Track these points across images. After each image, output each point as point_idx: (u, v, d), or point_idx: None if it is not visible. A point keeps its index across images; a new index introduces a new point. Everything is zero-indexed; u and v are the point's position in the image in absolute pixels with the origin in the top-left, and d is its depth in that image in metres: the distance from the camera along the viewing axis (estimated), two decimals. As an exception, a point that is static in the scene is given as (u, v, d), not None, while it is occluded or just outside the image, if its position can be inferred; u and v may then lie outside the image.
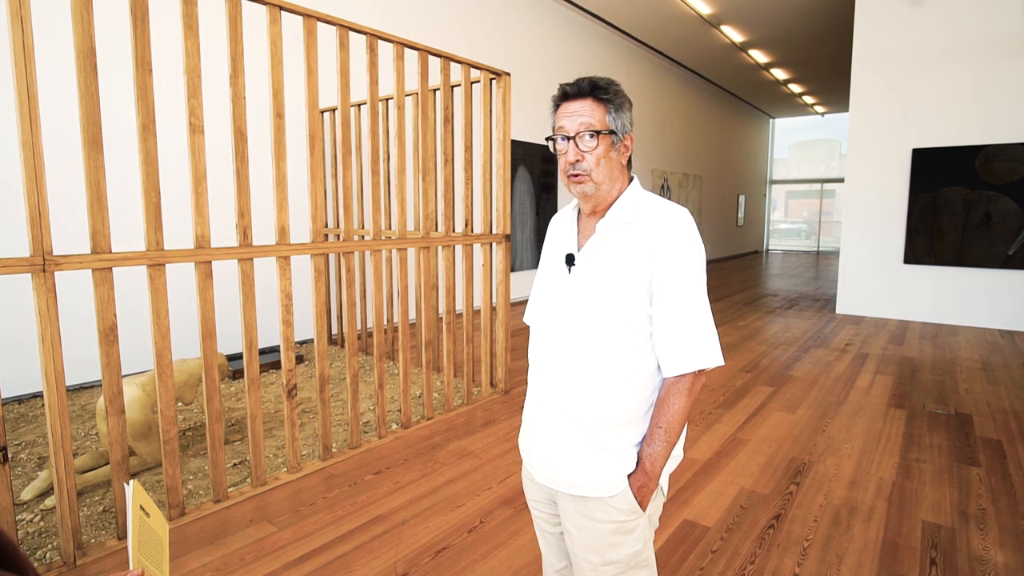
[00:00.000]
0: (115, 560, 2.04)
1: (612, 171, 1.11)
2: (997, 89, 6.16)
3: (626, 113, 1.10)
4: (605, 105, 1.08)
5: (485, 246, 3.77)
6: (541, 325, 1.19)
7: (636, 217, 1.10)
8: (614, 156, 1.10)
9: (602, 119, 1.08)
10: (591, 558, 1.14)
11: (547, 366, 1.16)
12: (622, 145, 1.11)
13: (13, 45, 1.79)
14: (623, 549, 1.12)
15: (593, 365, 1.10)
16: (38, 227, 1.88)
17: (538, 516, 1.29)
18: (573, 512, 1.15)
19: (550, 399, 1.15)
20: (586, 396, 1.11)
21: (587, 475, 1.11)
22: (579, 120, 1.08)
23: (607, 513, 1.11)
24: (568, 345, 1.13)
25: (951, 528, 2.28)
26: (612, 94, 1.09)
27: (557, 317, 1.15)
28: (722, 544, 2.15)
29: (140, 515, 0.75)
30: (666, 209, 1.10)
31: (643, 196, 1.14)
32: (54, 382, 1.92)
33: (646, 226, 1.08)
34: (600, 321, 1.08)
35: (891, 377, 4.41)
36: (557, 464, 1.15)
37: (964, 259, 6.46)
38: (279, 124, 2.52)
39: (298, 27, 4.22)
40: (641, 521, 1.12)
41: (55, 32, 3.27)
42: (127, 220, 3.06)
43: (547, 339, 1.17)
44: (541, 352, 1.19)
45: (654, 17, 9.12)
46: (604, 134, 1.08)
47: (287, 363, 2.62)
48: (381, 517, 2.34)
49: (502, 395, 3.90)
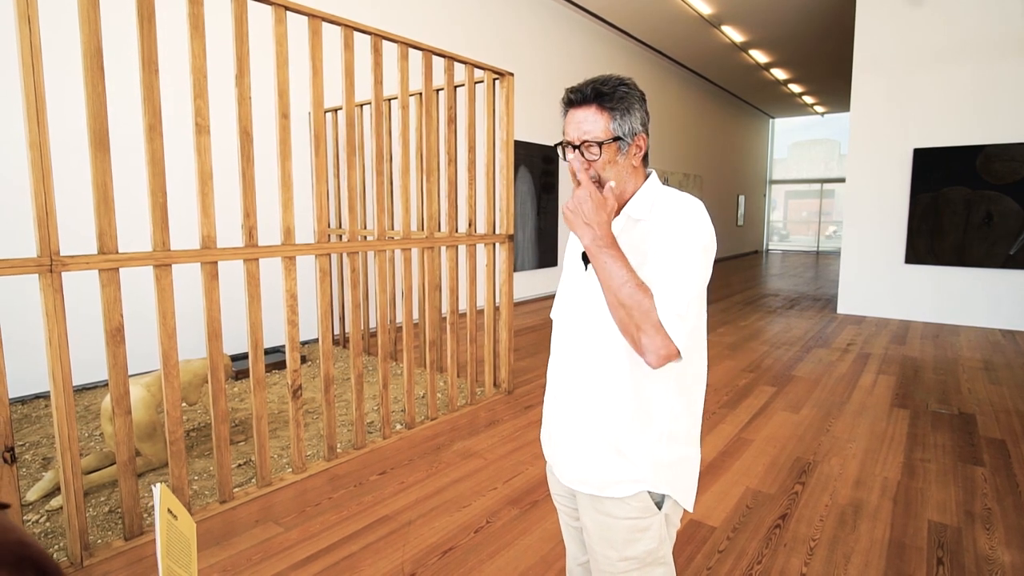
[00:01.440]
0: (122, 561, 2.04)
1: (621, 174, 1.10)
2: (998, 89, 6.17)
3: (635, 114, 1.08)
4: (610, 112, 1.06)
5: (488, 246, 3.77)
6: (560, 322, 1.21)
7: (651, 213, 1.10)
8: (621, 160, 1.09)
9: (606, 127, 1.06)
10: (608, 554, 1.15)
11: (564, 363, 1.18)
12: (633, 147, 1.10)
13: (20, 45, 1.78)
14: (639, 546, 1.12)
15: (609, 364, 1.10)
16: (45, 227, 1.88)
17: (561, 510, 1.31)
18: (590, 509, 1.16)
19: (567, 396, 1.17)
20: (602, 394, 1.11)
21: (601, 475, 1.12)
22: (583, 130, 1.07)
23: (623, 510, 1.11)
24: (583, 343, 1.13)
25: (957, 528, 2.28)
26: (616, 99, 1.06)
27: (574, 315, 1.16)
28: (729, 544, 2.15)
29: (167, 519, 0.74)
30: (679, 201, 1.09)
31: (659, 191, 1.13)
32: (61, 383, 1.92)
33: (660, 221, 1.08)
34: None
35: (894, 377, 4.42)
36: (573, 461, 1.16)
37: (965, 259, 6.47)
38: (284, 124, 2.52)
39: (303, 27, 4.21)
40: (656, 519, 1.12)
41: (60, 32, 3.26)
42: (132, 221, 3.06)
43: (565, 336, 1.18)
44: (559, 349, 1.20)
45: (655, 17, 9.13)
46: (608, 143, 1.07)
47: (292, 363, 2.61)
48: (387, 517, 2.34)
49: (505, 395, 3.90)
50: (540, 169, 8.26)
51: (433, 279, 3.41)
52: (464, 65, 3.45)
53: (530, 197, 8.15)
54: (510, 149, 3.73)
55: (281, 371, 4.46)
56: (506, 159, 3.73)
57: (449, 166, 3.52)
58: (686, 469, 1.15)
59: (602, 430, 1.11)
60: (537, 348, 5.25)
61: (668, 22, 9.36)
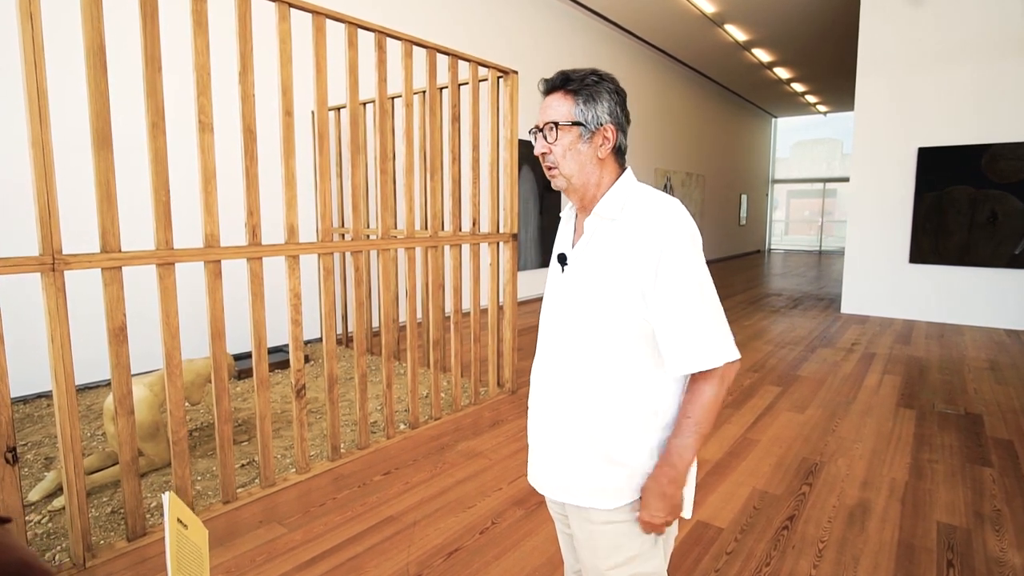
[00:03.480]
0: (125, 562, 2.02)
1: (584, 165, 1.07)
2: (1003, 88, 6.14)
3: (601, 104, 1.05)
4: (573, 96, 1.05)
5: (492, 245, 3.75)
6: (543, 325, 1.17)
7: (623, 212, 1.05)
8: (584, 149, 1.06)
9: (568, 112, 1.05)
10: (596, 563, 1.12)
11: (545, 367, 1.14)
12: (600, 137, 1.06)
13: (23, 42, 1.77)
14: (625, 551, 1.10)
15: (587, 368, 1.06)
16: (47, 226, 1.86)
17: (555, 517, 1.28)
18: (576, 517, 1.13)
19: (549, 401, 1.12)
20: (581, 399, 1.07)
21: (586, 483, 1.08)
22: (547, 114, 1.07)
23: (606, 516, 1.09)
24: (562, 347, 1.09)
25: (967, 529, 2.26)
26: (581, 85, 1.04)
27: (552, 317, 1.13)
28: (736, 545, 2.13)
29: (177, 528, 0.72)
30: (653, 202, 1.04)
31: (633, 190, 1.08)
32: (64, 383, 1.90)
33: (633, 222, 1.03)
34: (591, 322, 1.05)
35: (899, 377, 4.39)
36: (556, 469, 1.12)
37: (970, 258, 6.44)
38: (288, 122, 2.51)
39: (306, 25, 4.20)
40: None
41: (62, 29, 3.25)
42: (135, 219, 3.05)
43: (546, 340, 1.15)
44: (542, 352, 1.16)
45: (658, 15, 9.10)
46: (565, 126, 1.05)
47: (296, 363, 2.60)
48: (392, 518, 2.32)
49: (509, 395, 3.88)
50: (542, 168, 8.24)
51: (437, 278, 3.39)
52: (468, 63, 3.43)
53: (533, 196, 8.13)
54: (514, 147, 3.71)
55: (283, 371, 4.45)
56: (510, 157, 3.71)
57: (453, 164, 3.50)
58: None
59: (587, 437, 1.07)
60: (540, 348, 5.23)
61: (671, 21, 9.33)
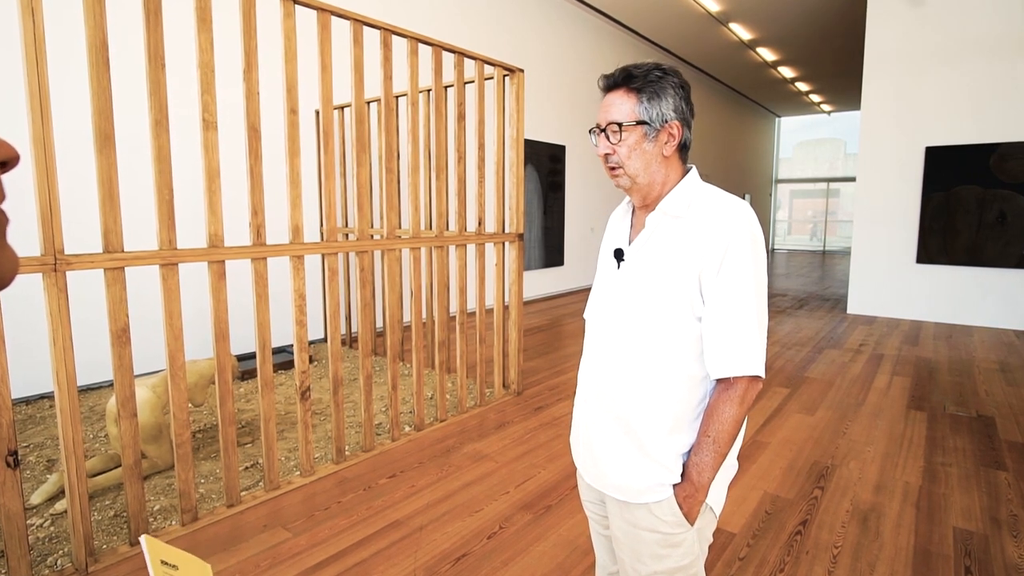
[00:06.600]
0: (128, 567, 1.99)
1: (649, 163, 1.05)
2: (1011, 87, 6.08)
3: (666, 100, 1.03)
4: (636, 95, 1.03)
5: (498, 245, 3.72)
6: (592, 322, 1.16)
7: (689, 210, 1.04)
8: (650, 148, 1.04)
9: (631, 110, 1.03)
10: (636, 566, 1.11)
11: (595, 364, 1.13)
12: (665, 134, 1.04)
13: (24, 39, 1.73)
14: (668, 562, 1.07)
15: (638, 366, 1.05)
16: (49, 226, 1.83)
17: (591, 517, 1.27)
18: (619, 518, 1.11)
19: (596, 398, 1.12)
20: (631, 397, 1.06)
21: (629, 479, 1.07)
22: (609, 113, 1.05)
23: (651, 522, 1.06)
24: (614, 343, 1.08)
25: (983, 535, 2.21)
26: (646, 82, 1.03)
27: (605, 314, 1.11)
28: (749, 551, 2.09)
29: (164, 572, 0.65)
30: (722, 202, 1.03)
31: (699, 189, 1.07)
32: (66, 385, 1.87)
33: (699, 221, 1.02)
34: (646, 320, 1.03)
35: (908, 378, 4.35)
36: (601, 465, 1.12)
37: (978, 258, 6.38)
38: (293, 120, 2.47)
39: (311, 22, 4.17)
40: (689, 535, 1.06)
41: (64, 26, 3.22)
42: (137, 219, 3.01)
43: (596, 336, 1.13)
44: (590, 349, 1.15)
45: (662, 14, 9.06)
46: (630, 125, 1.03)
47: (301, 364, 2.56)
48: (398, 522, 2.29)
49: (515, 396, 3.84)
50: (547, 168, 8.19)
51: (442, 278, 3.36)
52: (474, 61, 3.39)
53: (537, 196, 8.08)
54: (520, 146, 3.67)
55: (287, 372, 4.42)
56: (516, 156, 3.68)
57: (459, 163, 3.46)
58: (722, 477, 1.10)
59: (635, 434, 1.06)
60: (546, 348, 5.19)
61: (676, 19, 9.28)
